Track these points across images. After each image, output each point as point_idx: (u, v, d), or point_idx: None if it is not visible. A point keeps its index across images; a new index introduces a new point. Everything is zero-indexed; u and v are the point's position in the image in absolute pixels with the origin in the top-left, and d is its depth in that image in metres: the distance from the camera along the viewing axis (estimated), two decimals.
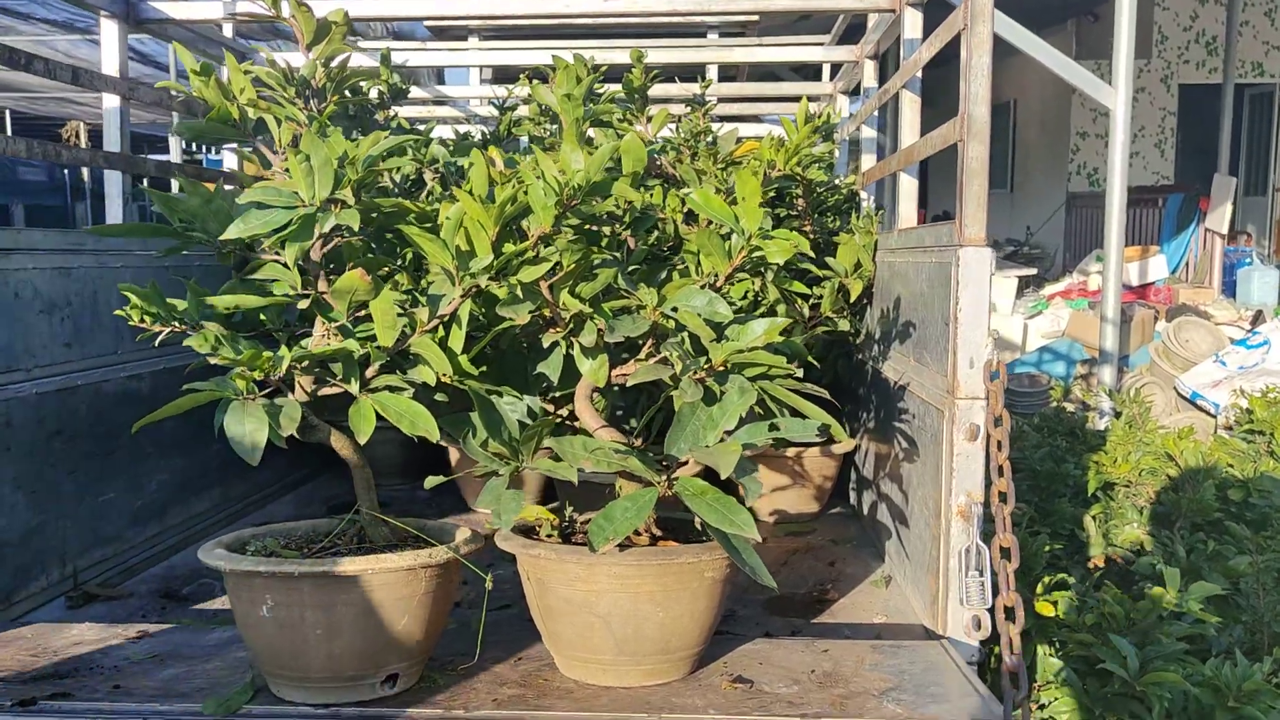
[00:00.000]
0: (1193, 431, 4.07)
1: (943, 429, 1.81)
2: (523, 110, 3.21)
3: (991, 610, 1.72)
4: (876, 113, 2.84)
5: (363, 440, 1.41)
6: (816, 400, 1.55)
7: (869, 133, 2.95)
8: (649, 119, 2.54)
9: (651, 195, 2.32)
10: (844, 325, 2.67)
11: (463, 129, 3.87)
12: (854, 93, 3.45)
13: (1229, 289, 10.30)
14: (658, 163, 2.58)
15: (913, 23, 2.41)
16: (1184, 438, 3.78)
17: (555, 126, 2.91)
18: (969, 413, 1.75)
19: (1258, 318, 8.07)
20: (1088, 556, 3.68)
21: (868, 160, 2.99)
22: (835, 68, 3.75)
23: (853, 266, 2.56)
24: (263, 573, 1.41)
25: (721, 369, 1.46)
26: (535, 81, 2.73)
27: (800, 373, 1.47)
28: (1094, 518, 3.90)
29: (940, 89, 2.92)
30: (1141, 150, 12.73)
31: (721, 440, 1.42)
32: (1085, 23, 12.09)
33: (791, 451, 2.64)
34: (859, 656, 1.69)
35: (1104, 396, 5.90)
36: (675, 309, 1.47)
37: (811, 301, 2.59)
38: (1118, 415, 5.61)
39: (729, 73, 5.65)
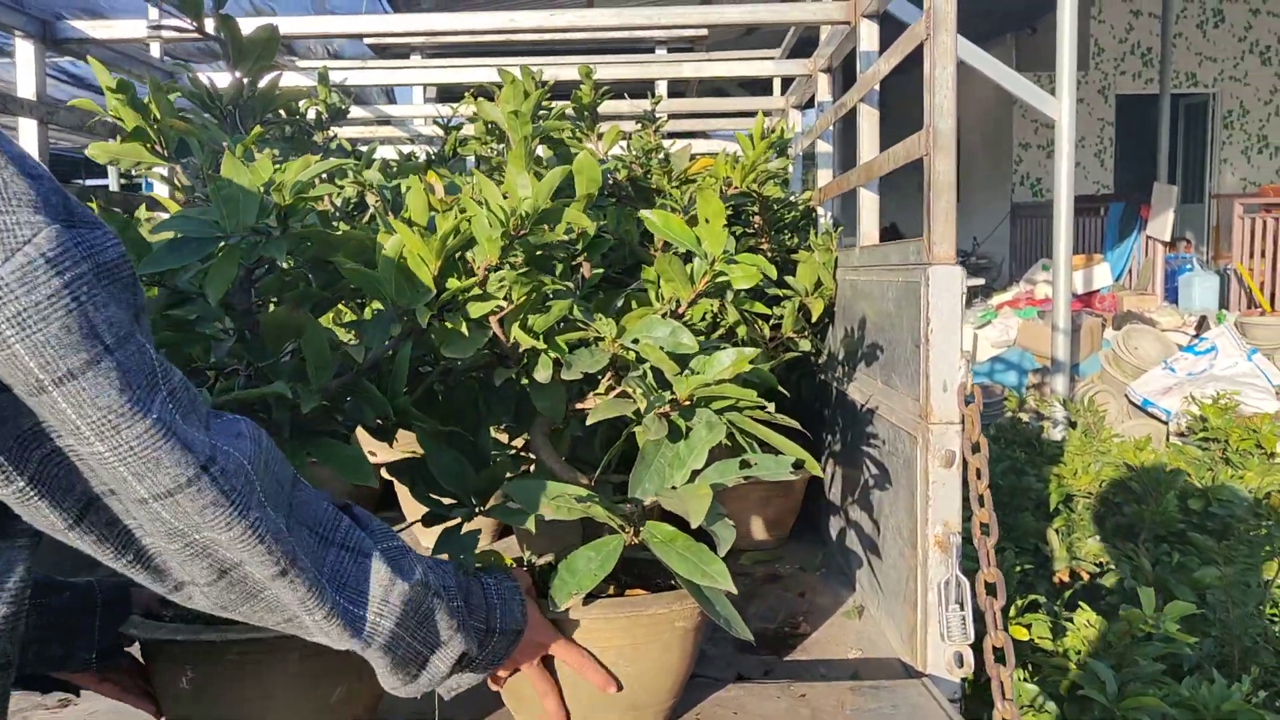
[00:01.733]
0: (1149, 441, 4.07)
1: (916, 455, 1.73)
2: (469, 129, 3.10)
3: (974, 645, 1.65)
4: (832, 127, 2.78)
5: None
6: (787, 431, 1.46)
7: (825, 147, 2.88)
8: (600, 136, 2.45)
9: (606, 217, 2.23)
10: (805, 345, 2.59)
11: (407, 149, 3.75)
12: (806, 107, 3.40)
13: (1171, 295, 10.51)
14: (611, 181, 2.49)
15: (869, 35, 2.35)
16: (1142, 448, 3.77)
17: (502, 145, 2.81)
18: (943, 438, 1.67)
19: (1202, 323, 8.21)
20: (1053, 571, 3.65)
21: (824, 176, 2.92)
22: (786, 82, 3.69)
23: (813, 285, 2.49)
24: (180, 641, 1.28)
25: (687, 403, 1.36)
26: (480, 99, 2.63)
27: (772, 405, 1.38)
28: (1057, 531, 3.88)
29: (894, 96, 2.86)
30: (1082, 160, 12.98)
31: (689, 480, 1.33)
32: (1024, 36, 12.31)
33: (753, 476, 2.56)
34: (838, 699, 1.59)
35: (1058, 406, 5.93)
36: (636, 340, 1.37)
37: (772, 322, 2.51)
38: (1073, 425, 5.63)
39: (678, 88, 5.60)
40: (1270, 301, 9.22)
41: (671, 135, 4.44)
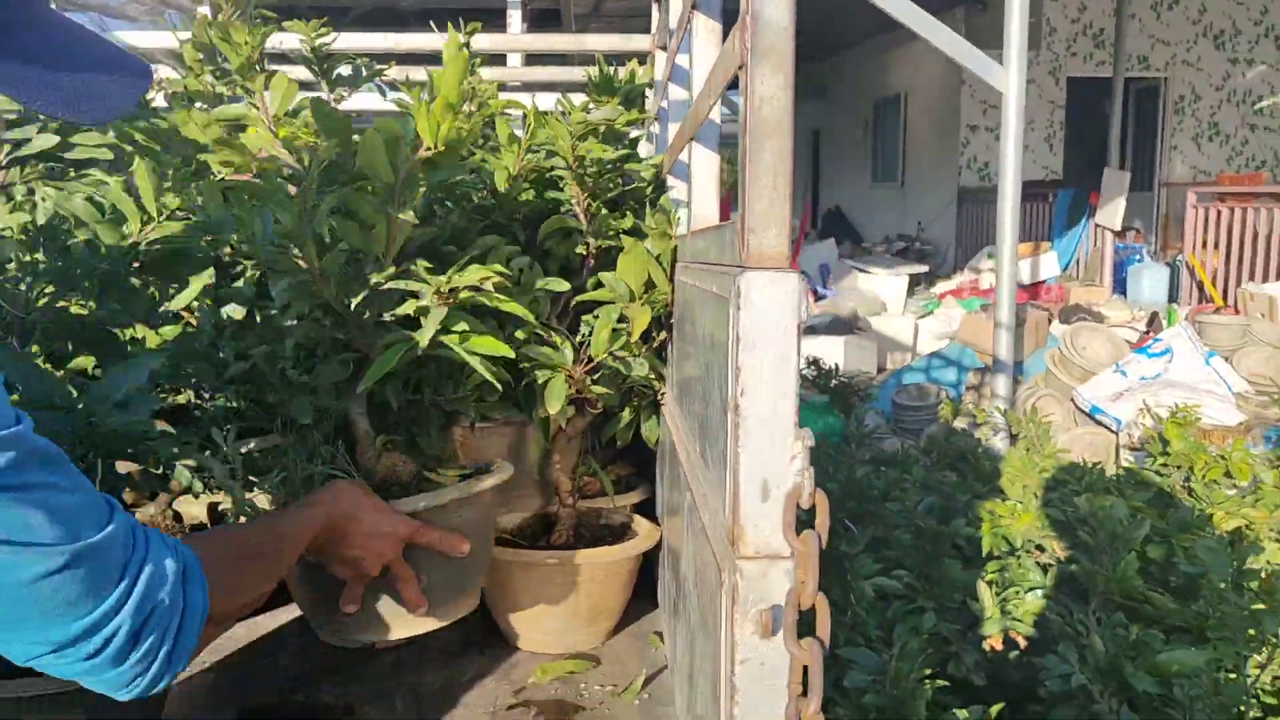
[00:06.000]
0: (1105, 474, 3.39)
1: (718, 603, 0.98)
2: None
3: None
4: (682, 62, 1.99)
5: None
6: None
7: (679, 94, 2.09)
8: (269, 78, 1.65)
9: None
10: (639, 370, 1.83)
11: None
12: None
13: (1119, 286, 9.96)
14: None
15: None
16: (1096, 502, 3.05)
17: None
18: (760, 586, 0.92)
19: (1153, 319, 7.62)
20: (982, 636, 2.95)
21: (675, 131, 2.13)
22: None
23: (641, 286, 1.72)
24: None
25: None
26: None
27: None
28: (990, 582, 3.18)
29: (833, 76, 2.05)
30: (1030, 144, 12.38)
31: None
32: (974, 11, 11.67)
33: (555, 557, 1.79)
34: None
35: (998, 414, 5.27)
36: None
37: (580, 339, 1.74)
38: (1014, 437, 4.98)
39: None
40: (1223, 295, 8.68)
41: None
